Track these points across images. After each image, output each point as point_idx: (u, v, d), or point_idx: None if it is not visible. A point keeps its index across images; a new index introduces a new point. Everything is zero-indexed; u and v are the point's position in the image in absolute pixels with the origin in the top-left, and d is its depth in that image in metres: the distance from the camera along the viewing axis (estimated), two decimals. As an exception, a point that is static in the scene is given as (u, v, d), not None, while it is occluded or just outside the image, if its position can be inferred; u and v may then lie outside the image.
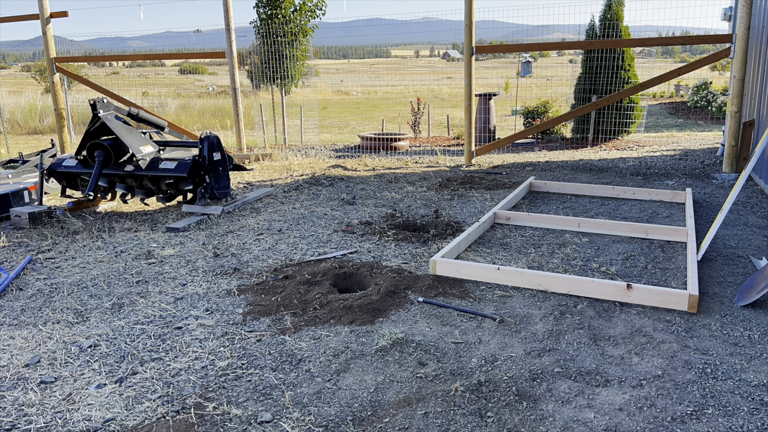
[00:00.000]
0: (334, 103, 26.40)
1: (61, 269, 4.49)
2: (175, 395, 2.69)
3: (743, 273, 4.07)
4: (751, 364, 2.85)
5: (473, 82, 8.61)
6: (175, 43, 13.50)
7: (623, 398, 2.59)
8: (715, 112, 15.64)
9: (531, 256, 4.45)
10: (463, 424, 2.42)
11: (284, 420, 2.49)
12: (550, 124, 9.27)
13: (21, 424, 2.50)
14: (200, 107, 20.00)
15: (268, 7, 11.34)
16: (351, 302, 3.58)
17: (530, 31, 65.76)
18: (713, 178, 7.33)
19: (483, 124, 11.57)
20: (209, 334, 3.30)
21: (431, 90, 31.05)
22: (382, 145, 10.85)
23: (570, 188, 6.62)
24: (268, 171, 8.53)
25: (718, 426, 2.38)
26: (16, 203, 6.15)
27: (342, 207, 6.19)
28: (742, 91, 7.22)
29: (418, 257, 4.50)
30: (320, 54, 63.74)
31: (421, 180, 7.53)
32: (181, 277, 4.24)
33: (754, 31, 7.55)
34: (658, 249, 4.61)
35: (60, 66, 10.80)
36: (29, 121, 16.42)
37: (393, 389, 2.69)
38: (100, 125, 6.05)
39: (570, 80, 11.75)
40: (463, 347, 3.07)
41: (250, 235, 5.24)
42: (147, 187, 6.12)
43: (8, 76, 49.63)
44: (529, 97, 17.58)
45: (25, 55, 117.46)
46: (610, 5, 10.71)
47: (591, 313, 3.45)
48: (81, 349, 3.15)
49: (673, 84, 24.23)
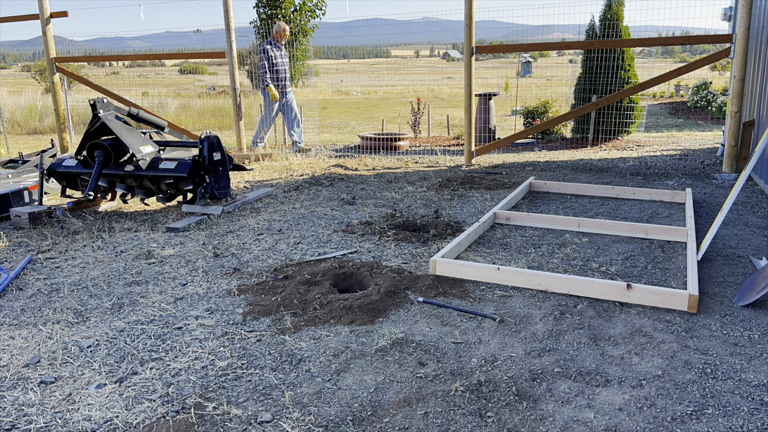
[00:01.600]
0: (334, 103, 26.39)
1: (61, 269, 4.49)
2: (175, 395, 2.69)
3: (743, 273, 4.07)
4: (751, 364, 2.85)
5: (473, 82, 8.61)
6: (175, 43, 13.51)
7: (623, 398, 2.59)
8: (715, 112, 15.64)
9: (531, 256, 4.45)
10: (463, 424, 2.43)
11: (284, 420, 2.49)
12: (550, 124, 9.27)
13: (21, 424, 2.50)
14: (200, 107, 19.98)
15: (268, 7, 11.37)
16: (351, 302, 3.58)
17: (530, 31, 65.78)
18: (713, 178, 7.33)
19: (483, 124, 11.56)
20: (209, 334, 3.30)
21: (431, 90, 31.03)
22: (382, 145, 10.85)
23: (570, 188, 6.62)
24: (268, 171, 8.53)
25: (718, 426, 2.38)
26: (16, 203, 6.16)
27: (342, 207, 6.19)
28: (742, 91, 7.22)
29: (418, 257, 4.50)
30: (320, 54, 63.72)
31: (421, 180, 7.53)
32: (181, 277, 4.24)
33: (754, 31, 7.55)
34: (658, 249, 4.61)
35: (60, 66, 10.80)
36: (29, 121, 16.40)
37: (393, 389, 2.69)
38: (100, 125, 6.05)
39: (570, 80, 11.75)
40: (463, 347, 3.07)
41: (250, 235, 5.24)
42: (147, 187, 6.12)
43: (8, 76, 49.63)
44: (529, 97, 17.57)
45: (25, 55, 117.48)
46: (610, 5, 10.71)
47: (591, 313, 3.45)
48: (81, 349, 3.15)
49: (673, 84, 24.22)
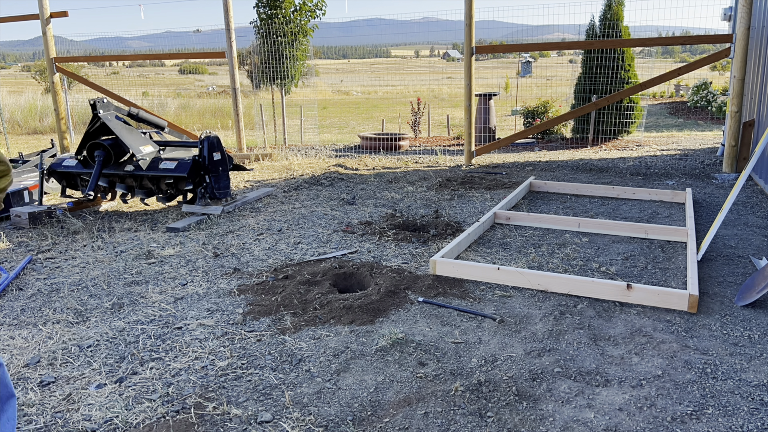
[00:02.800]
0: (334, 103, 26.39)
1: (61, 269, 4.49)
2: (175, 395, 2.69)
3: (743, 273, 4.07)
4: (751, 364, 2.85)
5: (473, 82, 8.61)
6: (175, 43, 13.51)
7: (623, 398, 2.59)
8: (715, 112, 15.64)
9: (531, 256, 4.45)
10: (463, 424, 2.43)
11: (284, 420, 2.49)
12: (550, 124, 9.27)
13: (21, 424, 2.50)
14: (200, 107, 19.99)
15: (268, 7, 11.34)
16: (351, 302, 3.58)
17: (530, 31, 65.74)
18: (713, 178, 7.33)
19: (483, 124, 11.57)
20: (209, 334, 3.30)
21: (431, 90, 31.02)
22: (382, 145, 10.85)
23: (570, 188, 6.62)
24: (268, 171, 8.53)
25: (718, 426, 2.38)
26: (16, 203, 6.16)
27: (342, 207, 6.19)
28: (742, 91, 7.22)
29: (418, 257, 4.50)
30: (320, 54, 63.74)
31: (421, 180, 7.53)
32: (181, 277, 4.24)
33: (754, 31, 7.55)
34: (658, 249, 4.61)
35: (60, 66, 10.80)
36: (29, 121, 16.40)
37: (393, 389, 2.69)
38: (100, 125, 6.05)
39: (570, 80, 11.75)
40: (463, 347, 3.07)
41: (250, 235, 5.24)
42: (147, 187, 6.12)
43: (8, 76, 49.61)
44: (529, 97, 17.57)
45: (25, 55, 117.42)
46: (610, 5, 10.71)
47: (591, 313, 3.45)
48: (81, 349, 3.15)
49: (673, 84, 24.22)
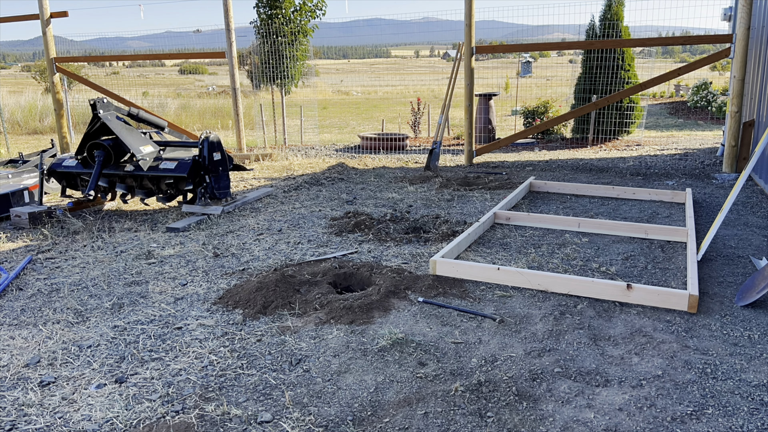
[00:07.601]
0: (334, 103, 26.39)
1: (61, 269, 4.49)
2: (175, 395, 2.69)
3: (743, 273, 4.07)
4: (751, 364, 2.85)
5: (473, 82, 8.62)
6: (175, 43, 13.52)
7: (623, 398, 2.59)
8: (715, 112, 15.64)
9: (531, 256, 4.45)
10: (463, 424, 2.43)
11: (284, 420, 2.49)
12: (550, 124, 9.27)
13: (21, 424, 2.50)
14: (200, 107, 19.99)
15: (268, 7, 11.35)
16: (351, 302, 3.58)
17: (530, 31, 65.72)
18: (713, 178, 7.33)
19: (483, 124, 11.57)
20: (209, 334, 3.30)
21: (431, 90, 30.99)
22: (382, 145, 10.86)
23: (570, 188, 6.62)
24: (268, 171, 8.53)
25: (718, 426, 2.38)
26: (16, 203, 6.15)
27: (342, 207, 6.19)
28: (742, 91, 7.22)
29: (418, 257, 4.50)
30: (320, 54, 63.77)
31: (421, 180, 7.53)
32: (181, 277, 4.24)
33: (754, 31, 7.55)
34: (658, 249, 4.61)
35: (60, 66, 10.80)
36: (29, 121, 16.40)
37: (393, 389, 2.69)
38: (100, 125, 6.05)
39: (570, 80, 11.76)
40: (463, 347, 3.07)
41: (250, 235, 5.24)
42: (147, 187, 6.12)
43: (8, 76, 49.62)
44: (529, 97, 17.57)
45: (25, 55, 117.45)
46: (610, 5, 10.72)
47: (591, 313, 3.45)
48: (81, 349, 3.15)
49: (673, 84, 24.23)
